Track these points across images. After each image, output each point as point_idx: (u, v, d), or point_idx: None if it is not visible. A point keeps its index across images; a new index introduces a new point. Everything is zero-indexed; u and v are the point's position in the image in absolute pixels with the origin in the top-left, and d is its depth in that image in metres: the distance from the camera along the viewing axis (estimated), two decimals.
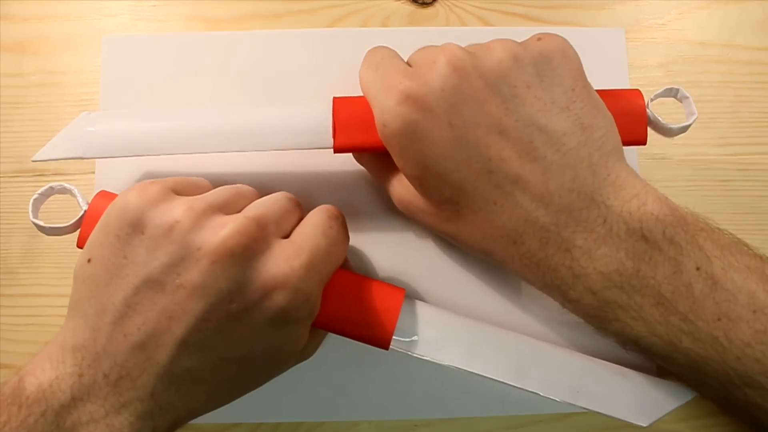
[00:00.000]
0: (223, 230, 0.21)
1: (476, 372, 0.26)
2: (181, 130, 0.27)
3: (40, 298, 0.31)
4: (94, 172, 0.31)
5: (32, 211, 0.27)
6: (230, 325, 0.21)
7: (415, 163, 0.24)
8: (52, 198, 0.27)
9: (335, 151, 0.27)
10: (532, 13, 0.34)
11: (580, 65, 0.24)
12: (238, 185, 0.25)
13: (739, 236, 0.30)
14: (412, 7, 0.34)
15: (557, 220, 0.23)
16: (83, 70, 0.33)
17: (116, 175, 0.31)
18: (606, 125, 0.24)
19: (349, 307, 0.25)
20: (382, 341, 0.25)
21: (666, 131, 0.28)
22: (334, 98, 0.28)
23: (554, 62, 0.23)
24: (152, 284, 0.20)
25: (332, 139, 0.27)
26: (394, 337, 0.26)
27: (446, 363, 0.26)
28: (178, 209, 0.21)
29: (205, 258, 0.20)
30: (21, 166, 0.32)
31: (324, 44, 0.33)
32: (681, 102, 0.29)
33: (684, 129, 0.28)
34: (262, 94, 0.32)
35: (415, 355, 0.26)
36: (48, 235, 0.26)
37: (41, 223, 0.26)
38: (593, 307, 0.23)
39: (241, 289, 0.21)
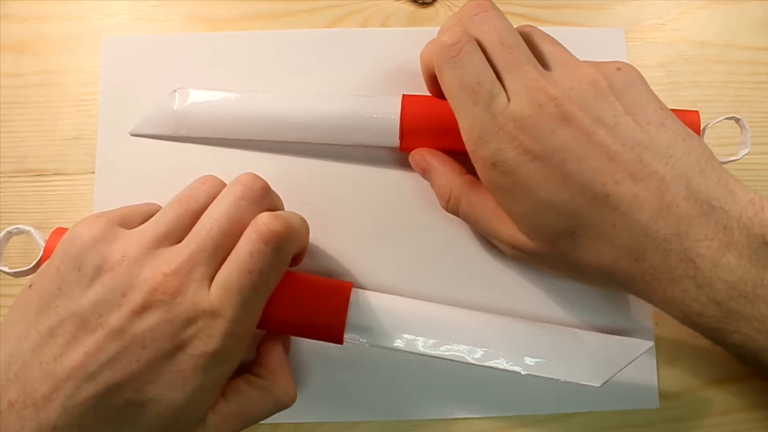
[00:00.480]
0: (147, 284, 0.22)
1: (432, 354, 0.27)
2: (260, 116, 0.30)
3: None
4: (93, 172, 0.31)
5: None
6: (140, 369, 0.21)
7: (526, 200, 0.25)
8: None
9: (401, 151, 0.29)
10: (532, 13, 0.34)
11: (647, 83, 0.26)
12: (188, 197, 0.25)
13: None
14: (412, 7, 0.34)
15: (678, 230, 0.23)
16: (83, 70, 0.33)
17: (115, 176, 0.31)
18: (696, 134, 0.25)
19: (298, 308, 0.26)
20: (334, 337, 0.26)
21: None
22: (404, 96, 0.29)
23: (637, 88, 0.25)
24: (76, 319, 0.21)
25: (398, 140, 0.29)
26: (346, 332, 0.26)
27: (402, 349, 0.27)
28: (115, 253, 0.22)
29: (127, 306, 0.22)
30: (21, 166, 0.32)
31: (324, 44, 0.33)
32: (740, 130, 0.29)
33: (730, 161, 0.28)
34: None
35: (369, 345, 0.27)
36: (16, 277, 0.27)
37: (6, 269, 0.27)
38: (716, 319, 0.23)
39: (156, 338, 0.22)
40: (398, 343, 0.27)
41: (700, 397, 0.30)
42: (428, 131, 0.28)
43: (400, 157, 0.31)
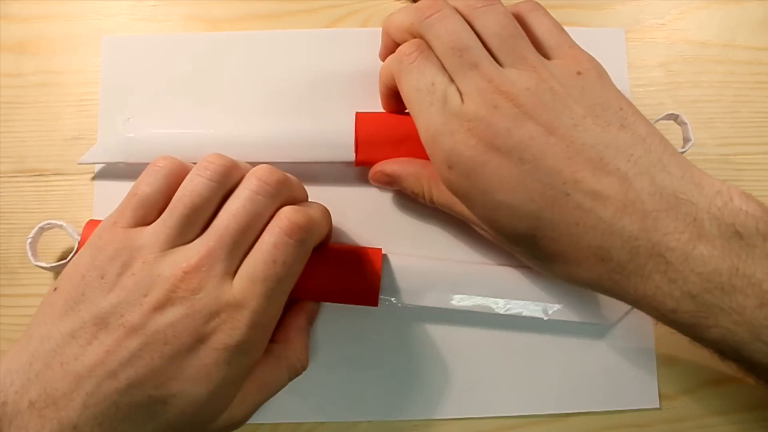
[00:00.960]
0: (168, 281, 0.22)
1: (459, 307, 0.29)
2: (214, 140, 0.30)
3: (40, 298, 0.30)
4: (93, 172, 0.31)
5: (31, 255, 0.29)
6: (163, 365, 0.21)
7: (485, 203, 0.25)
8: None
9: (357, 165, 0.30)
10: None
11: (612, 82, 0.25)
12: (189, 192, 0.23)
13: None
14: None
15: (644, 225, 0.22)
16: (83, 70, 0.33)
17: (115, 176, 0.31)
18: (657, 133, 0.24)
19: (335, 275, 0.28)
20: (370, 300, 0.28)
21: None
22: (357, 114, 0.30)
23: (596, 91, 0.25)
24: (98, 321, 0.22)
25: (354, 154, 0.29)
26: (380, 294, 0.28)
27: (431, 305, 0.29)
28: (135, 258, 0.23)
29: (147, 304, 0.22)
30: (21, 166, 0.32)
31: (323, 44, 0.33)
32: (680, 126, 0.30)
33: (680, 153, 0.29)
34: (261, 95, 0.32)
35: (400, 305, 0.29)
36: (53, 272, 0.27)
37: (44, 264, 0.28)
38: (691, 313, 0.22)
39: (178, 333, 0.22)
40: (428, 301, 0.29)
41: (700, 397, 0.30)
42: (383, 143, 0.29)
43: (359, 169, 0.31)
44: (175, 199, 0.23)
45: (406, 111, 0.29)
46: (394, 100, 0.29)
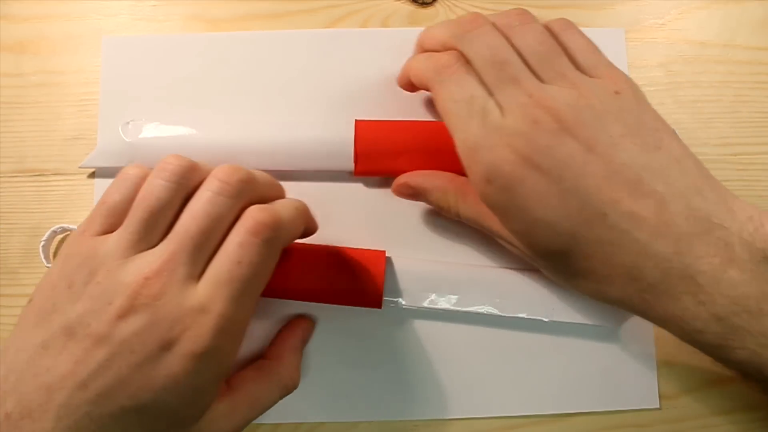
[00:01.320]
0: (129, 288, 0.21)
1: (463, 309, 0.29)
2: (214, 147, 0.30)
3: None
4: (93, 172, 0.31)
5: (44, 258, 0.30)
6: (131, 374, 0.21)
7: (522, 218, 0.25)
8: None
9: (356, 175, 0.30)
10: (532, 13, 0.34)
11: (648, 103, 0.26)
12: (147, 195, 0.23)
13: None
14: (412, 7, 0.34)
15: (678, 248, 0.23)
16: (83, 70, 0.33)
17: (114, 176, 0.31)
18: (692, 155, 0.25)
19: (338, 277, 0.28)
20: (374, 302, 0.28)
21: None
22: (357, 122, 0.30)
23: (634, 111, 0.25)
24: (67, 331, 0.21)
25: (353, 164, 0.29)
26: (384, 296, 0.28)
27: (434, 307, 0.29)
28: (99, 266, 0.22)
29: (111, 312, 0.21)
30: (21, 166, 0.32)
31: (323, 44, 0.33)
32: None
33: None
34: (261, 95, 0.32)
35: (404, 306, 0.29)
36: None
37: None
38: (717, 335, 0.22)
39: (143, 342, 0.21)
40: (431, 303, 0.29)
41: (700, 397, 0.30)
42: (382, 154, 0.29)
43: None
44: (134, 205, 0.23)
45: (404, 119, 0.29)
46: (411, 86, 0.29)
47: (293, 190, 0.30)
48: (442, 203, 0.29)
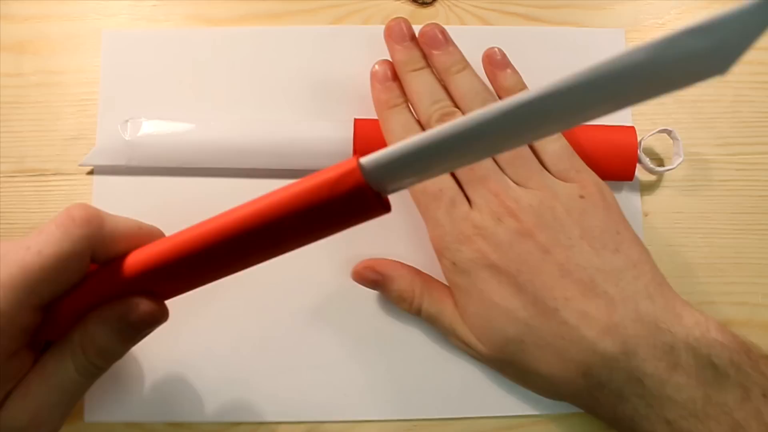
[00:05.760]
0: None
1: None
2: (212, 146, 0.30)
3: None
4: (93, 172, 0.31)
5: None
6: None
7: (481, 301, 0.26)
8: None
9: None
10: (532, 12, 0.34)
11: (617, 205, 0.27)
12: None
13: (738, 236, 0.30)
14: (412, 7, 0.34)
15: (625, 349, 0.23)
16: (83, 70, 0.33)
17: (114, 196, 0.31)
18: (649, 259, 0.26)
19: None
20: (360, 195, 0.18)
21: (650, 170, 0.31)
22: (356, 120, 0.30)
23: (598, 214, 0.26)
24: None
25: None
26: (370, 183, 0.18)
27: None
28: None
29: None
30: (21, 166, 0.32)
31: (323, 41, 0.33)
32: (672, 142, 0.31)
33: (668, 170, 0.30)
34: (260, 92, 0.32)
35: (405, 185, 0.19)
36: None
37: None
38: None
39: None
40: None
41: None
42: None
43: None
44: None
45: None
46: None
47: None
48: (405, 294, 0.28)
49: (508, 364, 0.27)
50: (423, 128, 0.28)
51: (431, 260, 0.29)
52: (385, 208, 0.18)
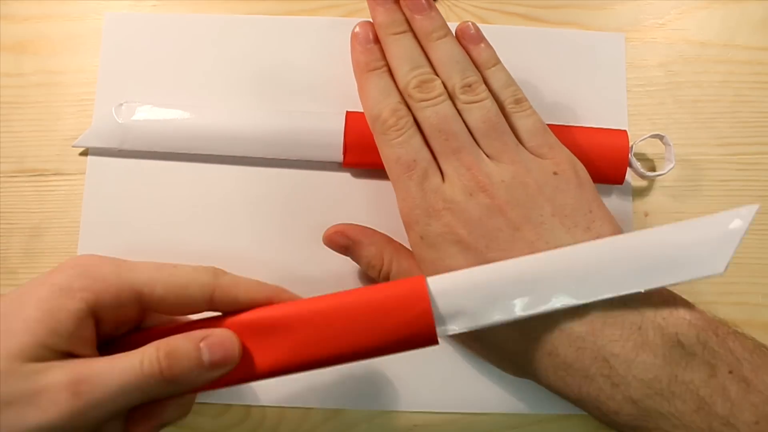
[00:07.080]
0: None
1: (537, 312, 0.23)
2: (205, 132, 0.30)
3: None
4: (86, 153, 0.31)
5: None
6: None
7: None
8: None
9: (344, 166, 0.30)
10: (532, 12, 0.34)
11: (591, 183, 0.27)
12: None
13: None
14: None
15: (592, 328, 0.23)
16: (83, 70, 0.33)
17: (107, 177, 0.31)
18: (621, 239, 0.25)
19: (376, 327, 0.23)
20: (428, 340, 0.23)
21: (641, 174, 0.31)
22: (348, 113, 0.30)
23: (570, 192, 0.26)
24: None
25: (342, 155, 0.30)
26: (438, 327, 0.23)
27: (503, 320, 0.23)
28: None
29: None
30: (21, 166, 0.32)
31: (324, 32, 0.33)
32: (664, 147, 0.31)
33: (658, 175, 0.31)
34: (255, 81, 0.32)
35: (467, 330, 0.23)
36: None
37: None
38: (633, 417, 0.23)
39: None
40: (497, 316, 0.23)
41: None
42: (371, 147, 0.28)
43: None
44: None
45: None
46: None
47: (282, 177, 0.31)
48: (375, 261, 0.28)
49: (474, 339, 0.26)
50: (401, 94, 0.27)
51: (401, 229, 0.28)
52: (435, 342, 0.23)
